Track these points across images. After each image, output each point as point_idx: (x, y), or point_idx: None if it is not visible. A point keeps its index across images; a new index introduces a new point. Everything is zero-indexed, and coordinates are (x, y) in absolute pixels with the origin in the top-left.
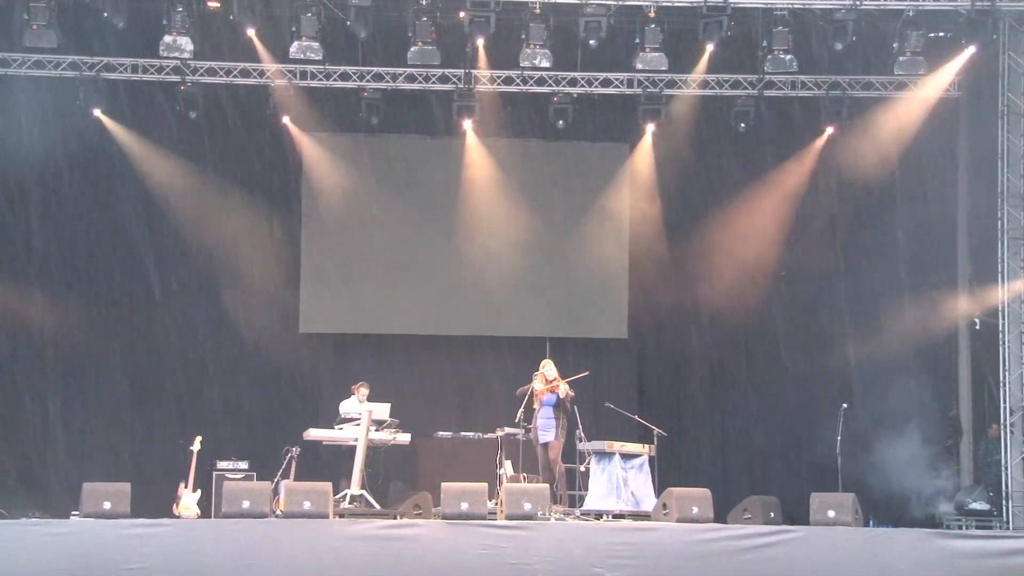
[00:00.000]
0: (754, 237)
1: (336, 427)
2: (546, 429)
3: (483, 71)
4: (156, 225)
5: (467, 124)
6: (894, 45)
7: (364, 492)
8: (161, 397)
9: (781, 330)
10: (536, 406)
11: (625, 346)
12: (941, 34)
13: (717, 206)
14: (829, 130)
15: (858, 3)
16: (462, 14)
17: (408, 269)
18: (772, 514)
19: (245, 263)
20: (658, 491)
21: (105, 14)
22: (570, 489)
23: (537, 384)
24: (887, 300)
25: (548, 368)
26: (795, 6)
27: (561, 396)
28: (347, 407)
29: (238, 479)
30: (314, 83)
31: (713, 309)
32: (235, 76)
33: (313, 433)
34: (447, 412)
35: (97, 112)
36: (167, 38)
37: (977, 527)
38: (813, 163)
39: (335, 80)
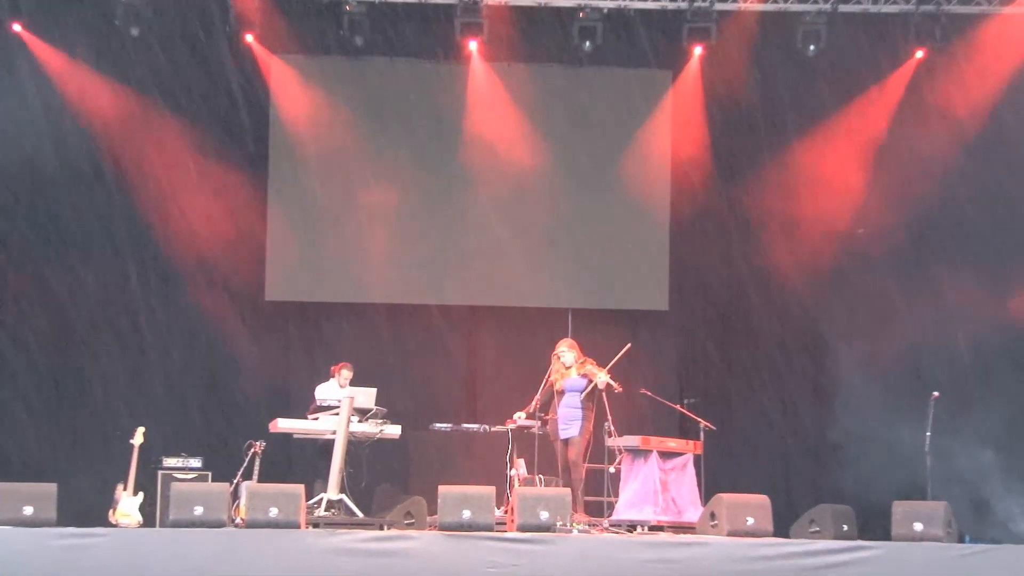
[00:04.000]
0: (825, 186)
1: (310, 417)
2: (569, 421)
3: None
4: (88, 166)
5: (472, 46)
6: None
7: (344, 496)
8: (94, 379)
9: (858, 301)
10: (558, 389)
11: (665, 320)
12: None
13: (779, 148)
14: (919, 55)
15: None
16: None
17: (400, 225)
18: (845, 526)
19: (197, 215)
20: (705, 498)
21: None
22: (598, 495)
23: (555, 375)
24: (988, 264)
25: (564, 353)
26: None
27: (600, 387)
28: (324, 392)
29: (189, 480)
30: None
31: (774, 275)
32: None
33: (281, 424)
34: (446, 399)
35: (17, 27)
36: None
37: None
38: (899, 96)
39: None
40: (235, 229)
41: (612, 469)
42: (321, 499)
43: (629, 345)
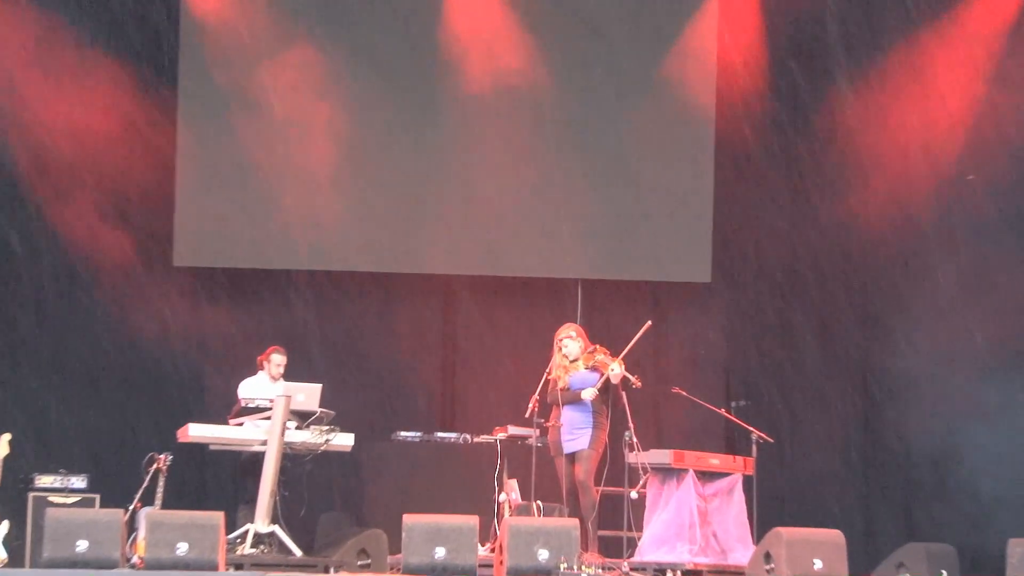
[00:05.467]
0: (921, 116)
1: (232, 421)
2: (576, 430)
3: None
4: None
5: None
6: None
7: (276, 528)
8: None
9: (965, 271)
10: (563, 386)
11: (707, 296)
12: None
13: (860, 66)
14: None
15: None
16: None
17: (355, 167)
18: (945, 571)
19: (82, 152)
20: (758, 533)
21: None
22: (615, 528)
23: (557, 370)
24: None
25: (568, 343)
26: None
27: (614, 381)
28: (251, 390)
29: (70, 505)
30: None
31: (851, 235)
32: None
33: (194, 431)
34: (415, 399)
35: None
36: None
37: None
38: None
39: None
40: (133, 172)
41: (635, 494)
42: (246, 531)
43: (649, 324)
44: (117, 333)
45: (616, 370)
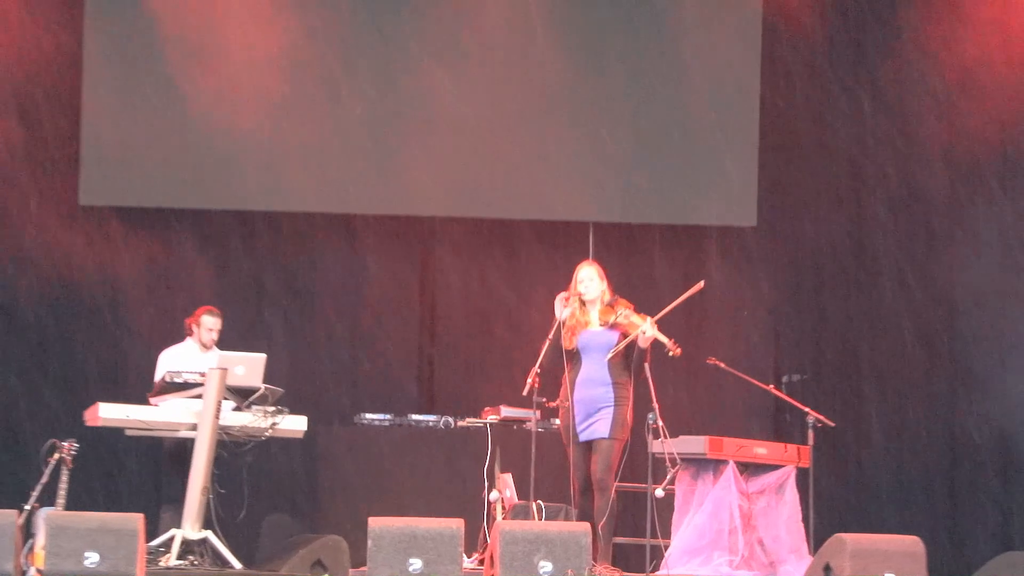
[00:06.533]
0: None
1: (153, 400)
2: (594, 409)
3: None
4: None
5: None
6: None
7: (209, 534)
8: None
9: None
10: (569, 347)
11: (752, 244)
12: None
13: None
14: None
15: None
16: None
17: (307, 83)
18: None
19: None
20: (815, 540)
21: None
22: (636, 534)
23: (562, 310)
24: None
25: (588, 280)
26: None
27: (643, 345)
28: (175, 359)
29: None
30: None
31: (935, 166)
32: None
33: (105, 413)
34: (384, 373)
35: None
36: None
37: None
38: None
39: None
40: (25, 84)
41: (661, 492)
42: (172, 538)
43: (702, 283)
44: (7, 288)
45: (649, 330)
